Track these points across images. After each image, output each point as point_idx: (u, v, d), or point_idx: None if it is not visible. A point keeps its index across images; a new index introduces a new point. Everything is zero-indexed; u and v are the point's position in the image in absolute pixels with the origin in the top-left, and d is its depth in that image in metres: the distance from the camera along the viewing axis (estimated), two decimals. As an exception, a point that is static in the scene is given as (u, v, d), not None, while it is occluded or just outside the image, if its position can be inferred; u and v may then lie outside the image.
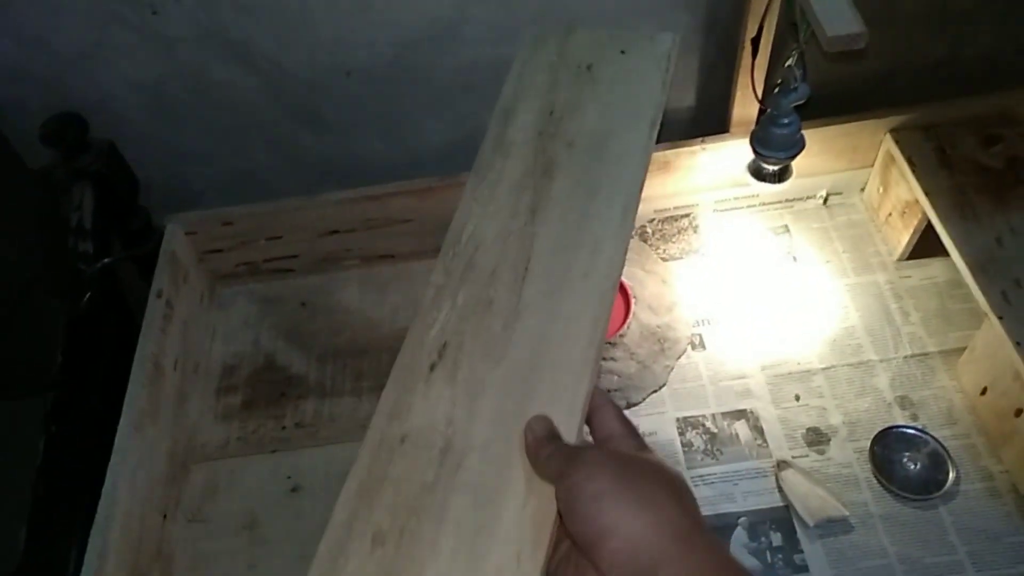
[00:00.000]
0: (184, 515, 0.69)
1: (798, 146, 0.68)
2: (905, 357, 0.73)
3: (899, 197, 0.77)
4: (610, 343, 0.72)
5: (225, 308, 0.84)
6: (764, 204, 0.84)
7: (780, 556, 0.63)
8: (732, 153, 0.78)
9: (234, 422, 0.75)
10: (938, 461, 0.66)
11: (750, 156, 0.73)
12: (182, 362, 0.75)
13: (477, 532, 0.37)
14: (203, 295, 0.83)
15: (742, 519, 0.65)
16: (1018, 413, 0.63)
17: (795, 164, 0.73)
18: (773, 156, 0.68)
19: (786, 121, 0.66)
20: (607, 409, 0.41)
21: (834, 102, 0.79)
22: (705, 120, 0.85)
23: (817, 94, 0.68)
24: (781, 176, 0.71)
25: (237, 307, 0.84)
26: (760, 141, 0.69)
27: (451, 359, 0.41)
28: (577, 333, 0.41)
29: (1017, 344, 0.62)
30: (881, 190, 0.81)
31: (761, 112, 0.75)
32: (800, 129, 0.67)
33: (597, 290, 0.43)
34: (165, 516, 0.67)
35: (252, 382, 0.78)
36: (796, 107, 0.65)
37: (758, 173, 0.72)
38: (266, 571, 0.66)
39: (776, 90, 0.66)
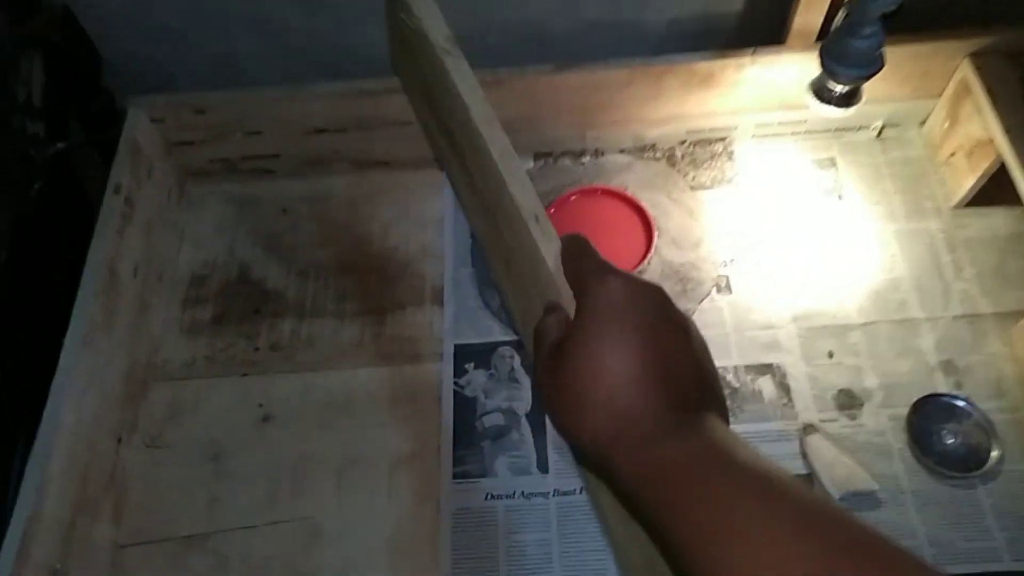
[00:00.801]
0: (142, 439, 0.63)
1: (876, 64, 0.57)
2: (954, 317, 0.65)
3: (969, 134, 0.68)
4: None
5: (195, 209, 0.75)
6: (810, 132, 0.74)
7: (798, 529, 0.57)
8: (786, 69, 0.67)
9: (202, 339, 0.68)
10: (981, 436, 0.59)
11: (807, 73, 0.63)
12: (143, 269, 0.67)
13: None
14: (170, 193, 0.74)
15: (759, 485, 0.59)
16: (1081, 391, 0.56)
17: (858, 88, 0.63)
18: (846, 74, 0.57)
19: (868, 32, 0.55)
20: (576, 254, 0.39)
21: (905, 18, 0.67)
22: (755, 28, 0.74)
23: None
24: (849, 100, 0.60)
25: (209, 209, 0.75)
26: (833, 54, 0.57)
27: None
28: (517, 215, 0.42)
29: (1094, 315, 0.54)
30: (947, 125, 0.71)
31: (827, 23, 0.64)
32: (882, 44, 0.56)
33: (501, 163, 0.43)
34: (120, 440, 0.61)
35: (223, 295, 0.70)
36: (883, 16, 0.54)
37: (821, 93, 0.61)
38: (230, 507, 0.59)
39: (859, -7, 0.55)
